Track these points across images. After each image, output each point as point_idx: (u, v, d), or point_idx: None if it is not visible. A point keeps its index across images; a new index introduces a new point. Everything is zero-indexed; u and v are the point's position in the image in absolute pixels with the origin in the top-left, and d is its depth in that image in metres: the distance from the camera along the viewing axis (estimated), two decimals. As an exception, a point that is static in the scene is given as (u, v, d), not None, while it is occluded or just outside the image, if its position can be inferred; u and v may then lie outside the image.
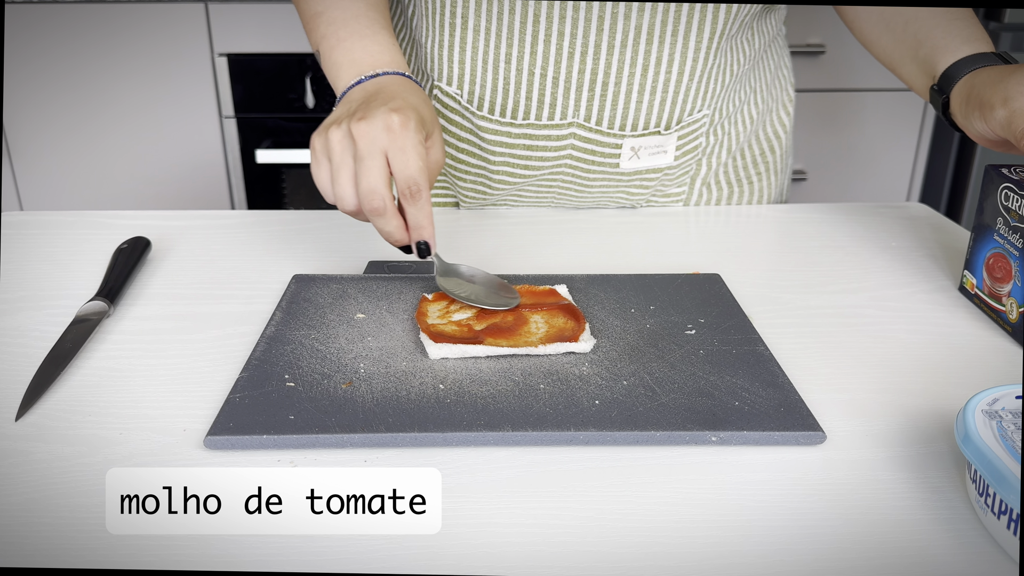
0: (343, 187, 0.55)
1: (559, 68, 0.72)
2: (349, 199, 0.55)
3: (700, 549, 0.38)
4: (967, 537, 0.39)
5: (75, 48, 1.66)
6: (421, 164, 0.54)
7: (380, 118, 0.54)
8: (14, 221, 0.79)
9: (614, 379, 0.50)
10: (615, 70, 0.72)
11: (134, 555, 0.38)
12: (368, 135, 0.53)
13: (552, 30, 0.70)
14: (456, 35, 0.73)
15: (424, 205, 0.55)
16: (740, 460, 0.44)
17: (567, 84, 0.73)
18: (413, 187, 0.54)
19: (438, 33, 0.73)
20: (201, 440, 0.45)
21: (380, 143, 0.53)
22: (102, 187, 1.79)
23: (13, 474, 0.43)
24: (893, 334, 0.59)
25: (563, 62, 0.72)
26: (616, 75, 0.72)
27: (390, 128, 0.53)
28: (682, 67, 0.73)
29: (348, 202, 0.55)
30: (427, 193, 0.55)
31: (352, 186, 0.55)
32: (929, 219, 0.82)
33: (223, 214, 0.82)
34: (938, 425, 0.47)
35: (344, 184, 0.55)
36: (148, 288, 0.65)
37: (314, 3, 0.66)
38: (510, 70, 0.73)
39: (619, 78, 0.72)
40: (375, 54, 0.63)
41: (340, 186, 0.55)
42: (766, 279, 0.67)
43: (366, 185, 0.53)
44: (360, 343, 0.54)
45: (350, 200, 0.55)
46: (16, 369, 0.52)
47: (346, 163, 0.54)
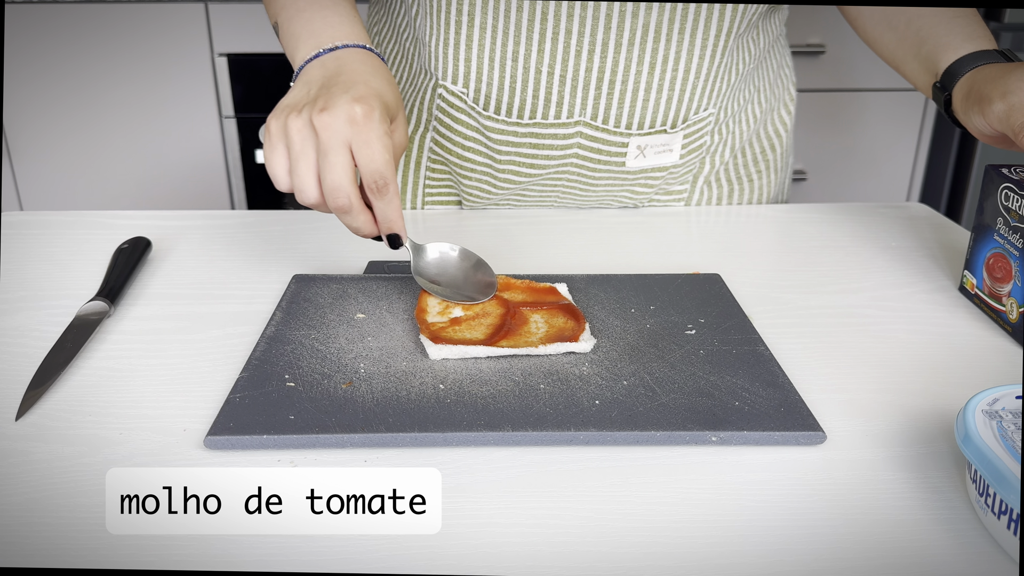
0: (303, 179, 0.53)
1: (566, 66, 0.72)
2: (310, 191, 0.53)
3: (700, 549, 0.38)
4: (967, 537, 0.39)
5: (75, 48, 1.66)
6: (387, 157, 0.52)
7: (343, 109, 0.51)
8: (14, 221, 0.79)
9: (614, 379, 0.50)
10: (622, 68, 0.72)
11: (134, 555, 0.38)
12: (331, 127, 0.51)
13: (560, 27, 0.70)
14: (463, 33, 0.72)
15: (392, 198, 0.53)
16: (740, 460, 0.44)
17: (574, 82, 0.72)
18: (380, 181, 0.52)
19: (443, 31, 0.72)
20: (201, 440, 0.45)
21: (343, 135, 0.51)
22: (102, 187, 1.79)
23: (13, 474, 0.43)
24: (893, 334, 0.59)
25: (570, 60, 0.71)
26: (624, 73, 0.72)
27: (354, 120, 0.51)
28: (688, 65, 0.73)
29: (309, 194, 0.53)
30: (394, 186, 0.53)
31: (314, 178, 0.53)
32: (929, 219, 0.82)
33: (223, 214, 0.82)
34: (938, 425, 0.47)
35: (304, 175, 0.53)
36: (148, 288, 0.65)
37: None
38: (517, 68, 0.72)
39: (626, 76, 0.72)
40: (335, 25, 0.60)
41: (300, 177, 0.53)
42: (766, 279, 0.67)
43: (331, 182, 0.52)
44: (360, 343, 0.54)
45: (311, 193, 0.53)
46: (16, 369, 0.52)
47: (307, 155, 0.52)
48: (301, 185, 0.53)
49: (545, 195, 0.82)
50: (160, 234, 0.74)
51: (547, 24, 0.70)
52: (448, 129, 0.77)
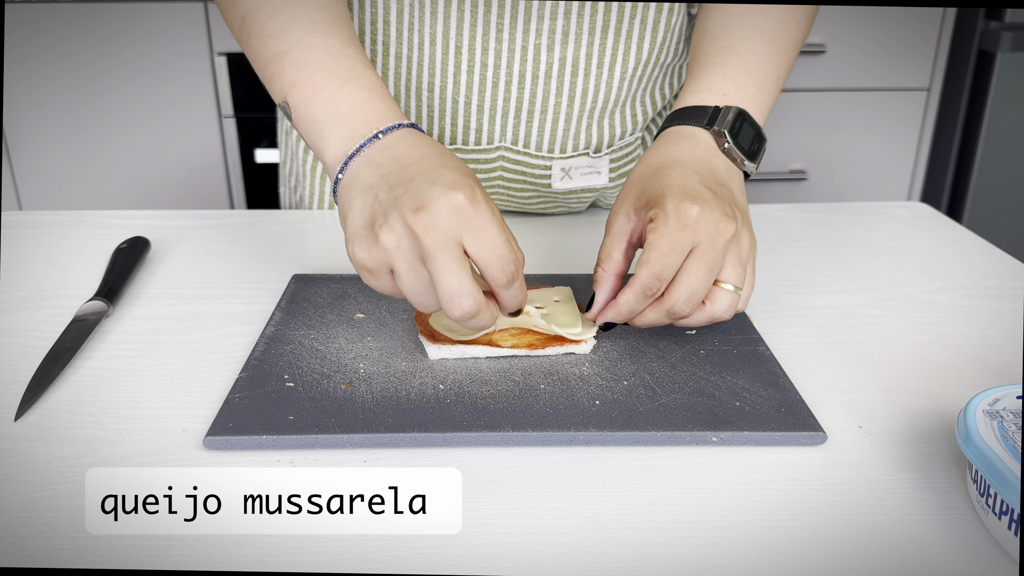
0: (420, 296, 0.45)
1: (483, 97, 0.71)
2: (430, 305, 0.46)
3: (701, 549, 0.38)
4: (968, 537, 0.39)
5: (75, 48, 1.66)
6: (506, 237, 0.45)
7: (443, 201, 0.43)
8: (14, 221, 0.79)
9: (614, 379, 0.50)
10: (540, 99, 0.71)
11: (134, 555, 0.38)
12: (435, 226, 0.43)
13: (475, 61, 0.69)
14: (378, 61, 0.72)
15: (521, 284, 0.47)
16: (741, 460, 0.44)
17: (492, 111, 0.72)
18: (507, 268, 0.45)
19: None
20: (200, 440, 0.45)
21: (452, 232, 0.43)
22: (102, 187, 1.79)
23: (13, 474, 0.43)
24: (893, 334, 0.59)
25: (487, 91, 0.71)
26: (542, 103, 0.72)
27: (460, 210, 0.43)
28: (608, 96, 0.73)
29: (429, 308, 0.46)
30: (521, 266, 0.47)
31: (429, 291, 0.45)
32: (930, 218, 0.82)
33: (223, 214, 0.82)
34: (939, 425, 0.47)
35: (420, 293, 0.45)
36: (147, 288, 0.64)
37: (274, 42, 0.53)
38: (433, 98, 0.72)
39: (545, 106, 0.72)
40: (363, 104, 0.50)
41: (417, 295, 0.46)
42: (766, 279, 0.67)
43: (450, 288, 0.43)
44: (360, 343, 0.54)
45: (431, 305, 0.46)
46: (16, 369, 0.52)
47: (414, 267, 0.45)
48: (419, 302, 0.46)
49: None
50: (159, 234, 0.74)
51: (461, 57, 0.69)
52: None
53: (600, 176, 0.77)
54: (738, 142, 0.54)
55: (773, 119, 1.80)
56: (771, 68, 0.59)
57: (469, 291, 0.44)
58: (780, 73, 0.60)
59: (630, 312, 0.49)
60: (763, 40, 0.60)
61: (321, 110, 0.51)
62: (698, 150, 0.53)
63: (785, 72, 0.61)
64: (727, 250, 0.48)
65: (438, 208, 0.43)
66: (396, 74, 0.72)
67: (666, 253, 0.47)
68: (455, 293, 0.44)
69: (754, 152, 0.55)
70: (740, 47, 0.59)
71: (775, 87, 0.59)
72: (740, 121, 0.55)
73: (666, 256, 0.47)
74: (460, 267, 0.44)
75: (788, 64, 0.61)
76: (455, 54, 0.69)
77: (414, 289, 0.45)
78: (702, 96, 0.57)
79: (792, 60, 0.62)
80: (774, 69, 0.59)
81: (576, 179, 0.76)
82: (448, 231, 0.43)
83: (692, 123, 0.55)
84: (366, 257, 0.45)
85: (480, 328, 0.47)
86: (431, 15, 0.68)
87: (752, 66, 0.58)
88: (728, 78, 0.57)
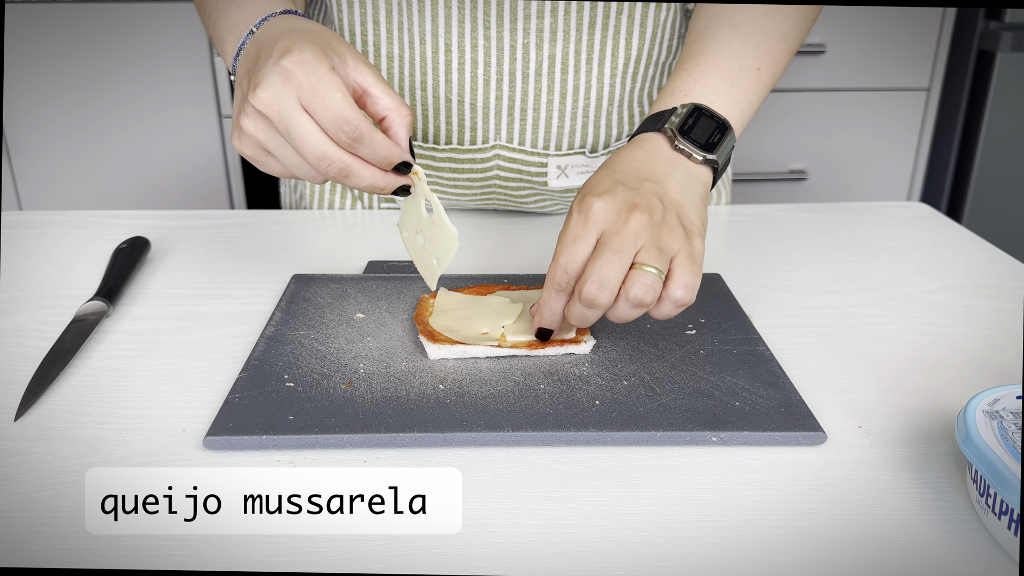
0: (295, 168, 0.48)
1: (475, 95, 0.71)
2: (308, 174, 0.48)
3: (700, 549, 0.38)
4: (968, 537, 0.39)
5: (75, 48, 1.66)
6: (339, 95, 0.45)
7: (272, 73, 0.45)
8: (14, 221, 0.79)
9: (614, 379, 0.50)
10: (532, 97, 0.72)
11: (134, 555, 0.38)
12: (270, 100, 0.45)
13: (465, 59, 0.69)
14: (370, 62, 0.72)
15: (372, 140, 0.46)
16: (741, 460, 0.44)
17: (485, 110, 0.72)
18: (346, 127, 0.45)
19: None
20: (200, 440, 0.45)
21: (288, 101, 0.45)
22: (102, 187, 1.79)
23: (13, 474, 0.43)
24: (893, 334, 0.59)
25: (479, 89, 0.71)
26: (534, 101, 0.72)
27: (288, 76, 0.45)
28: (600, 93, 0.73)
29: (309, 176, 0.48)
30: (363, 124, 0.45)
31: (301, 162, 0.48)
32: (930, 219, 0.82)
33: (223, 214, 0.82)
34: (939, 425, 0.47)
35: (299, 166, 0.48)
36: (147, 288, 0.64)
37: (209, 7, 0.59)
38: (427, 97, 0.72)
39: (537, 104, 0.72)
40: (249, 10, 0.54)
41: (298, 169, 0.48)
42: (766, 279, 0.67)
43: (309, 155, 0.46)
44: (360, 343, 0.54)
45: (310, 174, 0.48)
46: (16, 369, 0.52)
47: (280, 144, 0.47)
48: (297, 173, 0.48)
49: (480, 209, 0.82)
50: (159, 234, 0.74)
51: (452, 55, 0.69)
52: None
53: None
54: (691, 136, 0.53)
55: (773, 119, 1.80)
56: (746, 61, 0.59)
57: (330, 155, 0.45)
58: (761, 65, 0.60)
59: (552, 312, 0.50)
60: (738, 36, 0.60)
61: (220, 27, 0.55)
62: (640, 152, 0.53)
63: (770, 64, 0.61)
64: (640, 235, 0.47)
65: (270, 81, 0.45)
66: (388, 74, 0.72)
67: (568, 244, 0.48)
68: (316, 159, 0.46)
69: (712, 144, 0.54)
70: (712, 47, 0.60)
71: (753, 80, 0.59)
72: (694, 116, 0.54)
73: (568, 247, 0.48)
74: (311, 133, 0.45)
75: (773, 56, 0.61)
76: (445, 52, 0.69)
77: (293, 163, 0.47)
78: (664, 102, 0.57)
79: (780, 53, 0.62)
80: (750, 62, 0.59)
81: (573, 177, 0.76)
82: (283, 100, 0.45)
83: (646, 129, 0.55)
84: (240, 145, 0.48)
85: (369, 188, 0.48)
86: (419, 14, 0.68)
87: (722, 63, 0.59)
88: (692, 78, 0.58)
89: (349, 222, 0.81)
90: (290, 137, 0.46)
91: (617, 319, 0.48)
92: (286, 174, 0.49)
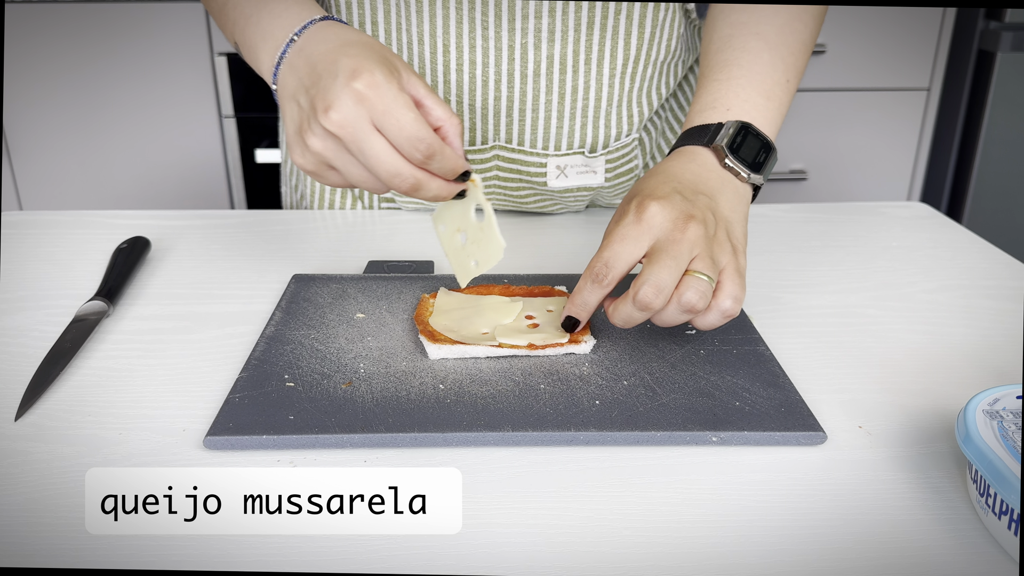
0: (368, 182, 0.49)
1: (474, 96, 0.71)
2: (372, 186, 0.49)
3: (700, 549, 0.38)
4: (968, 537, 0.39)
5: (75, 48, 1.66)
6: (412, 115, 0.46)
7: (344, 94, 0.46)
8: (14, 221, 0.79)
9: (614, 379, 0.50)
10: (531, 97, 0.72)
11: (134, 555, 0.38)
12: (345, 122, 0.46)
13: (463, 60, 0.70)
14: None
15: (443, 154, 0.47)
16: (741, 460, 0.44)
17: (484, 110, 0.72)
18: (419, 145, 0.46)
19: None
20: (201, 440, 0.45)
21: (363, 122, 0.46)
22: (102, 187, 1.79)
23: (13, 474, 0.43)
24: (893, 334, 0.59)
25: (477, 90, 0.71)
26: (533, 101, 0.72)
27: (361, 98, 0.46)
28: (599, 93, 0.73)
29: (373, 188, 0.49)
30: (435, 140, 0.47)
31: (372, 179, 0.48)
32: (930, 219, 0.82)
33: (223, 214, 0.82)
34: (939, 425, 0.47)
35: (365, 180, 0.49)
36: (148, 288, 0.64)
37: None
38: None
39: (536, 104, 0.72)
40: (282, 15, 0.53)
41: (364, 183, 0.49)
42: (766, 279, 0.67)
43: (383, 173, 0.47)
44: (360, 343, 0.54)
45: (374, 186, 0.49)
46: (16, 369, 0.52)
47: (348, 162, 0.48)
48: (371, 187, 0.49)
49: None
50: (159, 234, 0.74)
51: (450, 56, 0.69)
52: None
53: (596, 175, 0.77)
54: (740, 155, 0.54)
55: (773, 119, 1.80)
56: (777, 74, 0.60)
57: (403, 173, 0.47)
58: (789, 77, 0.61)
59: (584, 301, 0.50)
60: (767, 48, 0.60)
61: (251, 35, 0.54)
62: (692, 165, 0.54)
63: (795, 75, 0.62)
64: (696, 245, 0.48)
65: (342, 103, 0.46)
66: None
67: (616, 241, 0.49)
68: (389, 177, 0.47)
69: (759, 163, 0.55)
70: (744, 58, 0.60)
71: (784, 92, 0.60)
72: (742, 134, 0.55)
73: (616, 244, 0.49)
74: (385, 152, 0.46)
75: (798, 67, 0.62)
76: (443, 53, 0.69)
77: (359, 178, 0.48)
78: (706, 114, 0.58)
79: (802, 62, 0.63)
80: (781, 75, 0.60)
81: (572, 177, 0.76)
82: (357, 122, 0.46)
83: (694, 142, 0.56)
84: (303, 162, 0.49)
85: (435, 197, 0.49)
86: (416, 14, 0.68)
87: (756, 76, 0.59)
88: (732, 92, 0.58)
89: (349, 222, 0.81)
90: (363, 156, 0.47)
91: (663, 323, 0.49)
92: (345, 185, 0.51)
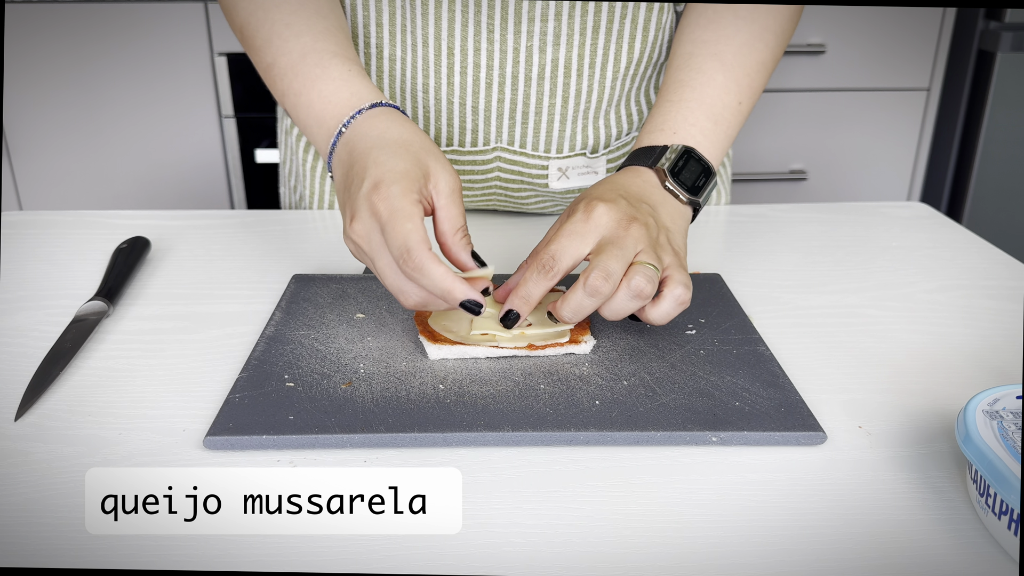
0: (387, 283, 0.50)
1: (477, 98, 0.71)
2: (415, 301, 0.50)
3: (701, 549, 0.38)
4: (968, 537, 0.39)
5: (75, 48, 1.66)
6: (407, 227, 0.46)
7: (363, 209, 0.48)
8: (14, 221, 0.79)
9: (614, 379, 0.50)
10: (535, 100, 0.72)
11: (134, 555, 0.38)
12: (365, 235, 0.48)
13: (468, 62, 0.70)
14: (372, 64, 0.72)
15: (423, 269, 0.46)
16: (741, 460, 0.44)
17: (487, 112, 0.72)
18: (402, 256, 0.46)
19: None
20: (201, 440, 0.45)
21: (375, 234, 0.48)
22: (102, 187, 1.79)
23: (13, 474, 0.43)
24: (893, 334, 0.59)
25: (481, 92, 0.71)
26: (536, 104, 0.72)
27: (375, 212, 0.47)
28: (601, 96, 0.73)
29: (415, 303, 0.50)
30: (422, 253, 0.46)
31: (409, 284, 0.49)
32: (930, 219, 0.82)
33: (223, 214, 0.82)
34: (939, 425, 0.47)
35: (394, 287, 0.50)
36: (147, 288, 0.64)
37: (262, 55, 0.59)
38: (428, 100, 0.72)
39: (539, 107, 0.72)
40: (330, 98, 0.55)
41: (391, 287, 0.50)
42: (766, 279, 0.67)
43: (388, 287, 0.49)
44: (360, 343, 0.54)
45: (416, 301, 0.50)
46: (16, 369, 0.52)
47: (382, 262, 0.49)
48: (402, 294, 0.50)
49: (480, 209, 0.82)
50: (159, 234, 0.74)
51: (454, 59, 0.70)
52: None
53: (597, 176, 0.77)
54: (680, 179, 0.57)
55: (773, 119, 1.80)
56: (728, 97, 0.62)
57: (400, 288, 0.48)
58: (742, 99, 0.63)
59: (528, 293, 0.50)
60: (721, 69, 0.62)
61: (303, 116, 0.57)
62: (638, 180, 0.56)
63: (750, 96, 0.63)
64: (639, 241, 0.50)
65: (360, 215, 0.48)
66: (391, 76, 0.72)
67: (564, 236, 0.50)
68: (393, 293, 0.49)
69: (698, 187, 0.58)
70: (697, 80, 0.62)
71: (734, 115, 0.62)
72: (684, 158, 0.58)
73: (564, 239, 0.50)
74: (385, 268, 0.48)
75: (753, 88, 0.64)
76: (447, 55, 0.69)
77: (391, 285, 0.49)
78: (654, 136, 0.60)
79: (759, 83, 0.64)
80: (733, 97, 0.62)
81: (573, 179, 0.76)
82: (371, 235, 0.48)
83: (640, 163, 0.58)
84: (354, 253, 0.51)
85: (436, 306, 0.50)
86: (422, 16, 0.68)
87: (707, 99, 0.61)
88: (681, 115, 0.61)
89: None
90: (374, 269, 0.50)
91: (614, 314, 0.49)
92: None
